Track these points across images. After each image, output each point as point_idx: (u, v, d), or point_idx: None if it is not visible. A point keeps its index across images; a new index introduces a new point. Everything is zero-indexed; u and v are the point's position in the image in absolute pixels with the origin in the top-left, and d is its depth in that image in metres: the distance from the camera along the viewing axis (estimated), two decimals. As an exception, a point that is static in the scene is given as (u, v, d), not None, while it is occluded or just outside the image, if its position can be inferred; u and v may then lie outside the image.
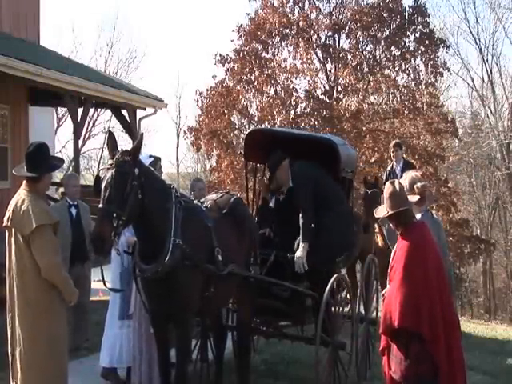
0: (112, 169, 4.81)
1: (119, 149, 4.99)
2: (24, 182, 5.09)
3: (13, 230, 5.00)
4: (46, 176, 5.11)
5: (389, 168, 10.90)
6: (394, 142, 11.39)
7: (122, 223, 4.77)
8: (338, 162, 6.72)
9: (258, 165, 8.04)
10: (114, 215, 4.69)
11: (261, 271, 6.35)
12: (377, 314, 7.84)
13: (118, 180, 4.76)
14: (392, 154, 10.70)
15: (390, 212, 4.73)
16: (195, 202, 5.88)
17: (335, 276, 6.56)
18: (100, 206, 4.75)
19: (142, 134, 5.48)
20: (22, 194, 5.03)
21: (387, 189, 4.83)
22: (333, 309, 6.51)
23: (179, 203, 5.31)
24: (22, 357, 4.99)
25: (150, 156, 6.85)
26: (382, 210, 4.86)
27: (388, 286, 4.95)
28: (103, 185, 4.79)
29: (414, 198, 5.08)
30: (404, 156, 12.49)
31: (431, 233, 4.97)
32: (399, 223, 4.77)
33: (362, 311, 7.61)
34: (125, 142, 33.80)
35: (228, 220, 5.92)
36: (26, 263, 4.92)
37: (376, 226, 9.30)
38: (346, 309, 7.00)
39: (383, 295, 5.15)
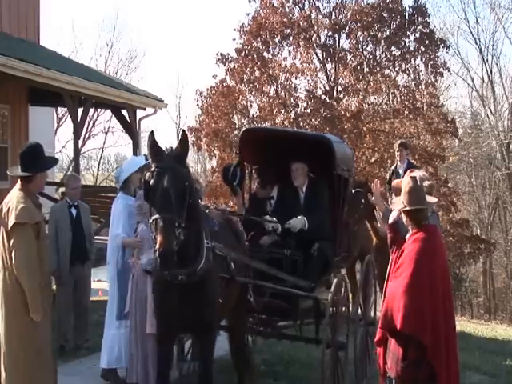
0: (166, 173, 4.50)
1: (163, 147, 4.71)
2: (18, 181, 5.13)
3: (1, 227, 5.06)
4: (39, 175, 5.12)
5: (392, 167, 10.83)
6: (399, 141, 11.22)
7: (182, 230, 4.51)
8: (332, 158, 6.64)
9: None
10: (176, 224, 4.44)
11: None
12: (375, 314, 7.81)
13: (175, 185, 4.48)
14: (396, 154, 10.61)
15: (408, 207, 4.65)
16: None
17: (337, 276, 6.54)
18: (159, 216, 4.42)
19: (184, 130, 5.05)
20: (13, 193, 5.08)
21: (407, 183, 4.69)
22: (333, 309, 6.43)
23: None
24: (2, 354, 5.01)
25: (146, 158, 6.86)
26: (399, 203, 4.76)
27: (388, 279, 4.92)
28: (159, 191, 4.47)
29: (432, 200, 4.97)
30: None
31: (441, 237, 4.92)
32: (413, 220, 4.68)
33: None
34: (125, 142, 34.04)
35: (226, 225, 5.86)
36: (8, 259, 4.96)
37: (367, 224, 9.28)
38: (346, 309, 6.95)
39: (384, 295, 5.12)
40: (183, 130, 4.79)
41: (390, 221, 5.08)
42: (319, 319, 6.56)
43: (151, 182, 4.52)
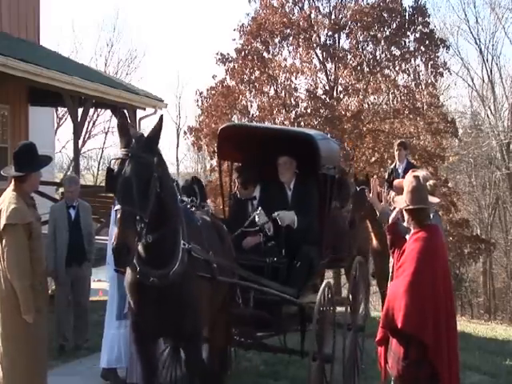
0: (130, 160, 4.06)
1: (133, 133, 4.30)
2: (12, 181, 5.13)
3: None
4: (33, 175, 5.12)
5: (391, 166, 10.83)
6: (398, 141, 11.21)
7: (145, 226, 4.06)
8: (317, 157, 6.24)
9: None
10: (138, 218, 4.00)
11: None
12: (366, 319, 7.75)
13: (139, 175, 4.02)
14: (396, 153, 10.59)
15: (410, 206, 4.64)
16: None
17: (325, 282, 6.27)
18: (119, 207, 4.01)
19: (162, 115, 4.49)
20: (6, 193, 5.08)
21: (410, 182, 4.69)
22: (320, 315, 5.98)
23: (181, 201, 4.87)
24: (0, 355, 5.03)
25: None
26: (401, 202, 4.75)
27: (390, 280, 4.91)
28: (120, 180, 4.05)
29: (434, 200, 4.96)
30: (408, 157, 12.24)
31: (443, 237, 4.92)
32: (415, 219, 4.68)
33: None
34: (125, 142, 34.07)
35: (209, 222, 5.47)
36: (1, 260, 4.97)
37: (369, 225, 9.25)
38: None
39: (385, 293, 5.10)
40: (161, 115, 4.39)
41: (390, 221, 5.07)
42: (305, 326, 6.29)
43: (114, 170, 4.11)
